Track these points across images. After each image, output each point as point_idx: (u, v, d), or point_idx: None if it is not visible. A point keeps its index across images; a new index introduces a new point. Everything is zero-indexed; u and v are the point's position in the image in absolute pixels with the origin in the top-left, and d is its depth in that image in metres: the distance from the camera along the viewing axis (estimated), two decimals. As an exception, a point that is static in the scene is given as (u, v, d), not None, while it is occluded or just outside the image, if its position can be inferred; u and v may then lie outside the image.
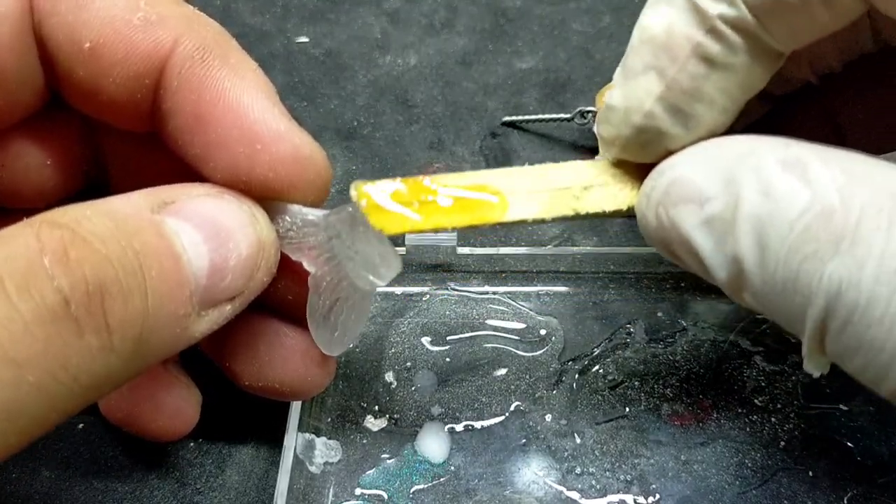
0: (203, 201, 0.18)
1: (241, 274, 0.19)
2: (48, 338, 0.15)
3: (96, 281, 0.16)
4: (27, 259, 0.15)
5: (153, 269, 0.17)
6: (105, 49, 0.19)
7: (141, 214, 0.17)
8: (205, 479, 0.27)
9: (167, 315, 0.17)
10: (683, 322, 0.30)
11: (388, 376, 0.29)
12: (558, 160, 0.36)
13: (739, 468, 0.27)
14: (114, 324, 0.16)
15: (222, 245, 0.18)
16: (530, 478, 0.27)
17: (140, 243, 0.17)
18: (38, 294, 0.15)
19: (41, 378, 0.15)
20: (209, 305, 0.18)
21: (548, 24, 0.42)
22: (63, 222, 0.16)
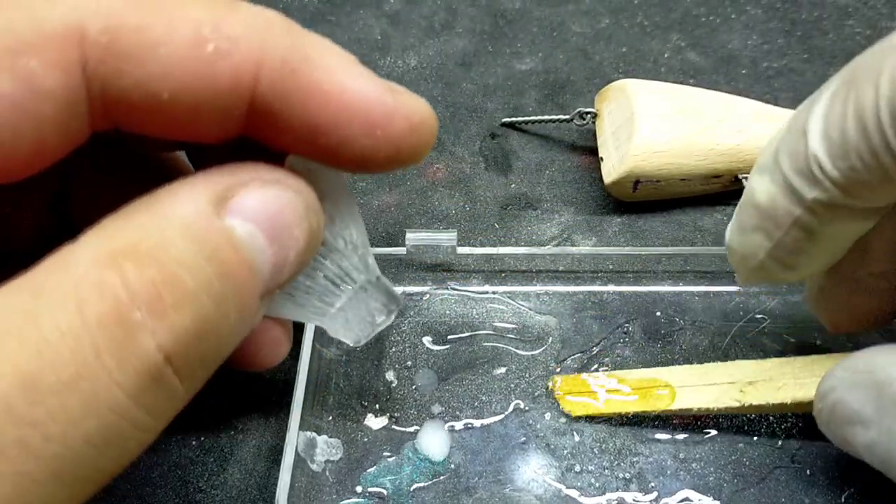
0: (262, 195, 0.17)
1: (297, 264, 0.18)
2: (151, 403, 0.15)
3: (195, 327, 0.15)
4: (120, 318, 0.14)
5: (234, 288, 0.16)
6: (185, 95, 0.17)
7: (212, 224, 0.16)
8: (206, 478, 0.27)
9: (245, 326, 0.17)
10: (681, 321, 0.30)
11: (388, 375, 0.29)
12: (558, 161, 0.36)
13: (737, 466, 0.27)
14: (209, 361, 0.16)
15: (284, 245, 0.18)
16: (530, 476, 0.27)
17: (222, 265, 0.16)
18: (138, 361, 0.14)
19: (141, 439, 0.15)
20: (267, 296, 0.18)
21: (547, 26, 0.43)
22: (145, 252, 0.15)
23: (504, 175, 0.36)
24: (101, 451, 0.14)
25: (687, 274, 0.32)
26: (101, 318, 0.14)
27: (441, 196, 0.35)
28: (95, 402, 0.14)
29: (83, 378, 0.14)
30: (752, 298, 0.31)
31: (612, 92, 0.35)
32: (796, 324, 0.30)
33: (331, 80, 0.18)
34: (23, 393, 0.14)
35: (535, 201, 0.35)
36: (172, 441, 0.28)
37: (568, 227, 0.34)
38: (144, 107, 0.17)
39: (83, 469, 0.14)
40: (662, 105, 0.33)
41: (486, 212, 0.35)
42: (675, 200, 0.35)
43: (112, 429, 0.14)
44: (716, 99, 0.34)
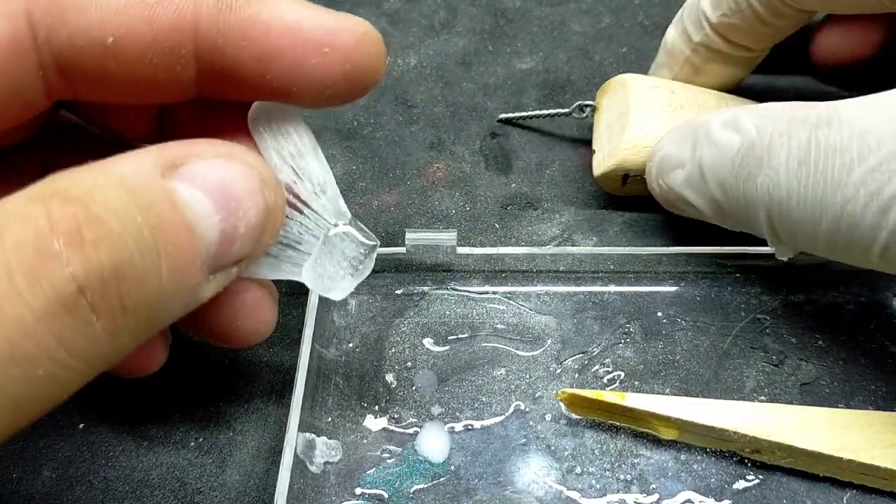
0: (213, 165, 0.18)
1: (249, 240, 0.18)
2: (60, 330, 0.15)
3: (112, 265, 0.15)
4: (37, 245, 0.14)
5: (168, 244, 0.16)
6: (129, 38, 0.18)
7: (153, 182, 0.17)
8: (205, 479, 0.27)
9: (180, 288, 0.17)
10: (682, 322, 0.30)
11: (388, 376, 0.29)
12: (558, 160, 0.36)
13: (739, 467, 0.27)
14: (129, 306, 0.16)
15: (232, 214, 0.18)
16: (530, 477, 0.27)
17: (156, 217, 0.16)
18: (49, 286, 0.14)
19: (51, 369, 0.15)
20: (217, 270, 0.18)
21: (547, 25, 0.43)
22: (75, 195, 0.15)
23: (504, 175, 0.36)
24: (6, 371, 0.14)
25: (688, 274, 0.32)
26: (17, 242, 0.14)
27: (441, 196, 0.35)
28: (3, 319, 0.14)
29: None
30: (754, 299, 0.31)
31: (613, 86, 0.34)
32: (798, 324, 0.30)
33: (268, 10, 0.19)
34: None
35: (535, 201, 0.35)
36: (171, 442, 0.28)
37: (568, 226, 0.34)
38: (91, 55, 0.18)
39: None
40: (660, 100, 0.33)
41: (486, 211, 0.34)
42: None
43: (20, 350, 0.14)
44: (716, 98, 0.34)
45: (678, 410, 0.26)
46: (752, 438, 0.26)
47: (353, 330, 0.30)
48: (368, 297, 0.31)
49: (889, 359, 0.29)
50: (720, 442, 0.26)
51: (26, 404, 0.15)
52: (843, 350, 0.29)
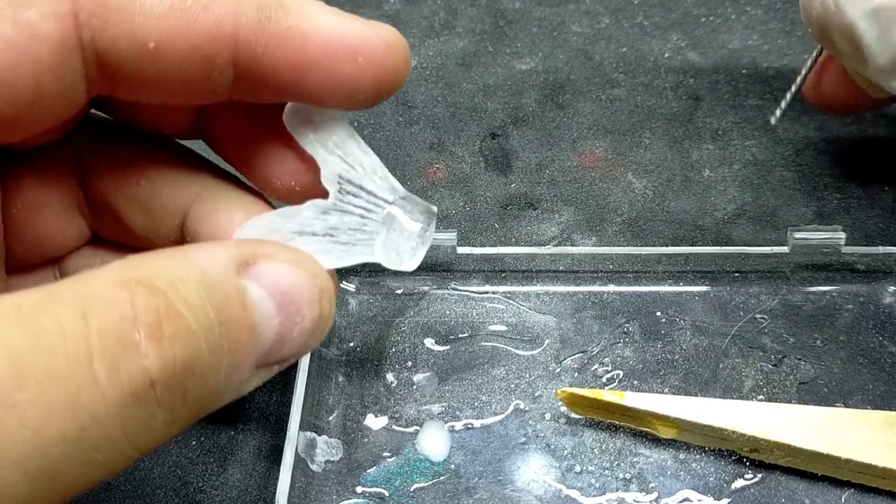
0: (281, 270, 0.18)
1: (299, 344, 0.19)
2: (127, 420, 0.15)
3: (185, 361, 0.15)
4: (121, 332, 0.15)
5: (232, 342, 0.17)
6: (170, 44, 0.19)
7: (228, 279, 0.17)
8: (207, 478, 0.27)
9: (232, 383, 0.17)
10: (681, 321, 0.30)
11: (388, 375, 0.29)
12: (558, 160, 0.36)
13: (737, 466, 0.27)
14: (190, 400, 0.16)
15: (290, 319, 0.18)
16: (530, 476, 0.27)
17: (226, 315, 0.16)
18: (126, 376, 0.15)
19: (109, 456, 0.15)
20: (262, 366, 0.18)
21: (547, 26, 0.43)
22: (158, 286, 0.16)
23: (504, 175, 0.36)
24: (70, 454, 0.14)
25: (687, 274, 0.32)
26: (102, 328, 0.15)
27: (441, 196, 0.35)
28: (77, 402, 0.14)
29: (72, 376, 0.14)
30: (753, 299, 0.31)
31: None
32: (796, 324, 0.30)
33: (307, 20, 0.20)
34: (10, 373, 0.14)
35: (535, 201, 0.35)
36: (173, 441, 0.28)
37: (568, 226, 0.34)
38: (132, 57, 0.19)
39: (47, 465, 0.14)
40: None
41: (486, 212, 0.35)
42: (673, 197, 0.35)
43: (85, 433, 0.14)
44: None
45: (677, 409, 0.26)
46: (751, 437, 0.26)
47: (353, 329, 0.30)
48: (369, 296, 0.31)
49: (887, 358, 0.29)
50: (719, 441, 0.27)
51: (77, 484, 0.15)
52: (841, 350, 0.30)
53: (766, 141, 0.37)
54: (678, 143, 0.37)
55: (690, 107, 0.39)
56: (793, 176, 0.36)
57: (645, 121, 0.38)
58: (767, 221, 0.34)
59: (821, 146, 0.37)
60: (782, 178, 0.36)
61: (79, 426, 0.14)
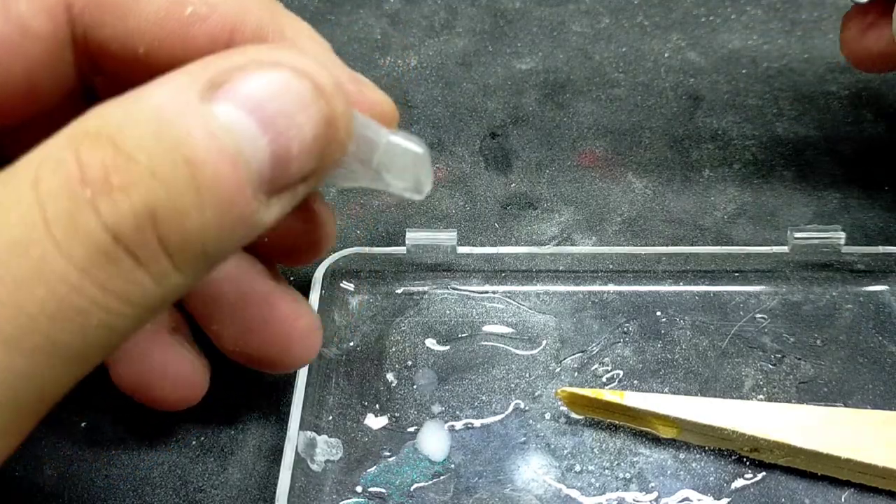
0: (257, 79, 0.16)
1: (309, 157, 0.17)
2: (105, 280, 0.14)
3: (144, 209, 0.14)
4: (69, 193, 0.14)
5: (207, 178, 0.15)
6: (160, 52, 0.18)
7: (189, 109, 0.15)
8: (207, 477, 0.27)
9: (230, 220, 0.16)
10: (681, 321, 0.30)
11: (388, 375, 0.29)
12: (558, 159, 0.36)
13: (737, 465, 0.27)
14: (172, 247, 0.15)
15: (282, 133, 0.16)
16: (530, 476, 0.27)
17: (189, 151, 0.15)
18: (86, 237, 0.14)
19: (104, 318, 0.15)
20: (277, 192, 0.17)
21: (547, 26, 0.43)
22: (105, 135, 0.15)
23: (504, 174, 0.36)
24: (59, 324, 0.14)
25: (687, 273, 0.32)
26: (51, 192, 0.14)
27: (441, 196, 0.35)
28: (44, 270, 0.14)
29: (31, 244, 0.14)
30: (753, 298, 0.31)
31: None
32: (796, 323, 0.30)
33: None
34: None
35: (535, 201, 0.35)
36: (172, 441, 0.28)
37: (568, 226, 0.34)
38: (122, 59, 0.19)
39: (40, 339, 0.14)
40: None
41: (486, 211, 0.35)
42: (673, 197, 0.35)
43: (65, 301, 0.14)
44: None
45: (677, 409, 0.26)
46: (751, 437, 0.26)
47: (353, 329, 0.30)
48: (369, 296, 0.31)
49: (887, 358, 0.29)
50: (719, 440, 0.27)
51: (86, 353, 0.15)
52: (841, 349, 0.30)
53: (765, 140, 0.37)
54: (678, 142, 0.37)
55: (690, 106, 0.39)
56: (793, 176, 0.36)
57: (645, 120, 0.38)
58: (767, 221, 0.34)
59: (821, 146, 0.37)
60: (782, 177, 0.36)
61: (56, 295, 0.14)
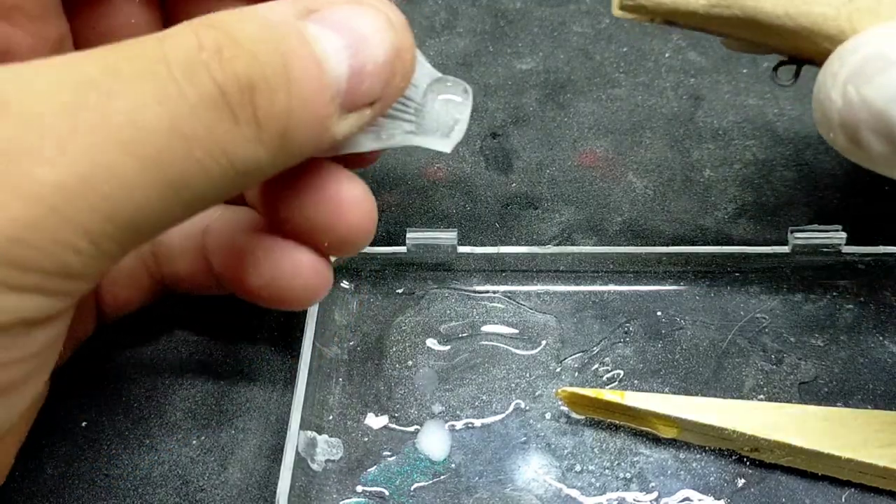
0: (343, 8, 0.19)
1: (378, 79, 0.20)
2: (211, 120, 0.17)
3: (246, 78, 0.17)
4: (187, 52, 0.17)
5: (297, 70, 0.18)
6: None
7: (287, 21, 0.19)
8: (207, 477, 0.27)
9: (310, 114, 0.19)
10: (682, 321, 0.30)
11: (389, 375, 0.29)
12: (558, 159, 0.36)
13: (738, 466, 0.27)
14: (262, 117, 0.18)
15: (360, 51, 0.19)
16: (530, 475, 0.27)
17: (286, 47, 0.18)
18: (199, 83, 0.17)
19: (205, 157, 0.17)
20: (349, 109, 0.19)
21: (548, 26, 0.43)
22: (218, 24, 0.18)
23: (505, 174, 0.36)
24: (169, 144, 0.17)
25: (687, 273, 0.32)
26: (175, 48, 0.17)
27: (442, 195, 0.35)
28: (165, 96, 0.17)
29: (157, 76, 0.17)
30: (753, 298, 0.31)
31: None
32: (797, 323, 0.30)
33: None
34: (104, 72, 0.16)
35: (535, 201, 0.35)
36: (173, 440, 0.28)
37: (568, 226, 0.34)
38: None
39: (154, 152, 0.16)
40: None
41: (486, 211, 0.35)
42: (674, 197, 0.35)
43: (177, 125, 0.17)
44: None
45: (677, 409, 0.26)
46: (751, 437, 0.26)
47: (353, 329, 0.30)
48: (369, 295, 0.31)
49: (888, 358, 0.29)
50: (719, 440, 0.27)
51: (184, 186, 0.17)
52: (842, 349, 0.30)
53: (766, 141, 0.37)
54: (679, 142, 0.37)
55: (691, 106, 0.39)
56: (794, 175, 0.36)
57: (645, 120, 0.38)
58: (768, 221, 0.34)
59: (822, 146, 0.37)
60: (783, 177, 0.36)
61: (170, 115, 0.17)
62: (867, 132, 0.20)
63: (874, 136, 0.20)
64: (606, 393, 0.27)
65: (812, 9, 0.21)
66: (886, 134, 0.20)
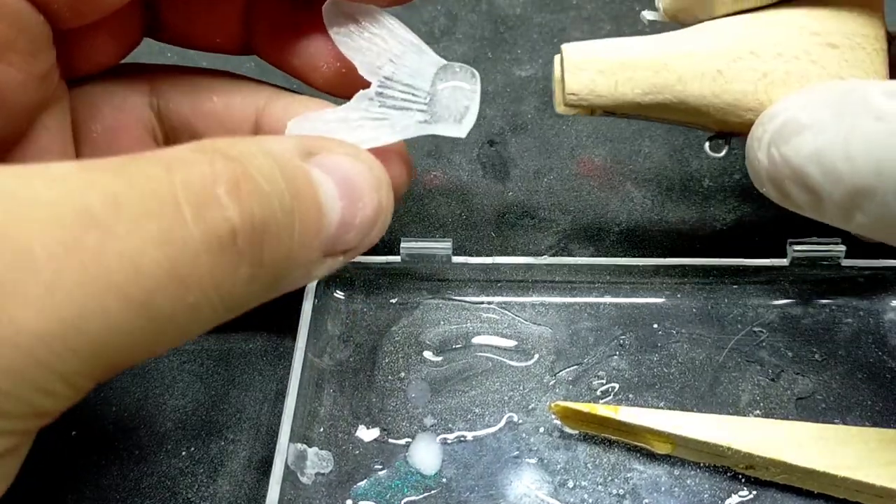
0: (342, 160, 0.20)
1: (361, 231, 0.20)
2: (213, 264, 0.16)
3: (262, 217, 0.17)
4: (202, 186, 0.16)
5: (301, 213, 0.18)
6: None
7: (294, 161, 0.19)
8: (196, 489, 0.27)
9: (304, 257, 0.19)
10: (678, 334, 0.30)
11: (380, 386, 0.29)
12: (556, 168, 0.36)
13: (732, 483, 0.26)
14: (266, 259, 0.17)
15: (353, 203, 0.20)
16: (522, 491, 0.26)
17: (295, 189, 0.18)
18: (211, 221, 0.16)
19: (198, 299, 0.16)
20: (329, 254, 0.20)
21: (547, 32, 0.42)
22: (234, 155, 0.17)
23: (501, 183, 0.36)
24: (163, 287, 0.16)
25: (684, 285, 0.31)
26: (185, 180, 0.16)
27: (437, 204, 0.35)
28: (169, 238, 0.16)
29: (163, 215, 0.16)
30: (751, 311, 0.31)
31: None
32: (795, 338, 0.30)
33: None
34: (108, 208, 0.15)
35: (532, 210, 0.35)
36: (162, 452, 0.28)
37: (565, 236, 0.34)
38: None
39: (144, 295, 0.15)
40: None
41: (482, 220, 0.34)
42: (673, 207, 0.34)
43: (176, 268, 0.16)
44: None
45: (672, 425, 0.26)
46: (747, 454, 0.25)
47: (346, 339, 0.30)
48: (363, 305, 0.31)
49: (887, 374, 0.29)
50: (714, 457, 0.26)
51: (171, 324, 0.16)
52: (840, 364, 0.29)
53: (767, 150, 0.37)
54: (678, 151, 0.37)
55: (691, 115, 0.38)
56: (793, 186, 0.35)
57: (644, 129, 0.38)
58: (767, 233, 0.34)
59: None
60: (783, 188, 0.35)
61: (171, 260, 0.16)
62: (791, 185, 0.22)
63: (797, 188, 0.22)
64: (600, 408, 0.27)
65: (733, 86, 0.24)
66: (806, 186, 0.22)
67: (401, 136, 0.23)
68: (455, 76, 0.23)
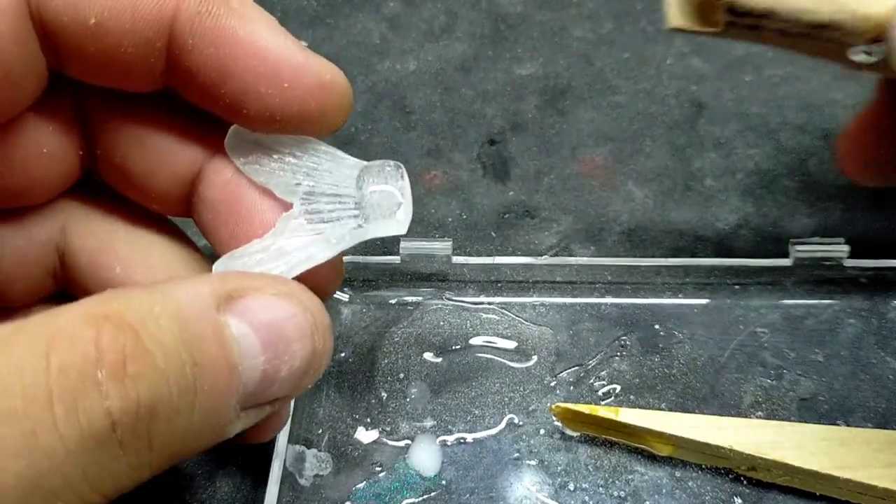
0: (269, 303, 0.18)
1: (289, 383, 0.18)
2: (87, 464, 0.14)
3: (149, 403, 0.15)
4: (82, 371, 0.14)
5: (206, 383, 0.16)
6: (111, 22, 0.19)
7: (206, 315, 0.16)
8: (194, 491, 0.27)
9: (208, 426, 0.17)
10: (680, 335, 0.30)
11: (380, 388, 0.29)
12: (556, 168, 0.36)
13: (734, 485, 0.26)
14: (155, 444, 0.15)
15: (278, 356, 0.17)
16: (522, 493, 0.26)
17: (200, 354, 0.16)
18: (86, 418, 0.14)
19: (70, 501, 0.15)
20: (249, 408, 0.18)
21: (548, 31, 0.42)
22: (128, 321, 0.15)
23: (502, 182, 0.36)
24: (25, 501, 0.14)
25: (686, 286, 0.31)
26: (63, 367, 0.14)
27: (438, 203, 0.35)
28: (33, 446, 0.14)
29: (28, 418, 0.14)
30: (753, 312, 0.30)
31: None
32: (797, 338, 0.30)
33: (245, 27, 0.19)
34: None
35: (533, 209, 0.35)
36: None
37: (566, 236, 0.33)
38: (74, 32, 0.19)
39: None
40: None
41: (483, 220, 0.34)
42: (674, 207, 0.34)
43: (43, 479, 0.14)
44: None
45: (673, 426, 0.26)
46: (748, 456, 0.25)
47: (345, 340, 0.30)
48: (362, 306, 0.31)
49: (890, 375, 0.29)
50: (716, 459, 0.26)
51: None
52: (842, 365, 0.29)
53: (769, 150, 0.36)
54: (680, 151, 0.37)
55: (693, 114, 0.38)
56: (796, 186, 0.35)
57: (646, 128, 0.38)
58: (770, 233, 0.33)
59: (825, 156, 0.36)
60: (785, 188, 0.35)
61: (35, 472, 0.14)
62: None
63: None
64: (601, 409, 0.26)
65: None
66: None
67: (338, 249, 0.21)
68: (379, 175, 0.22)
